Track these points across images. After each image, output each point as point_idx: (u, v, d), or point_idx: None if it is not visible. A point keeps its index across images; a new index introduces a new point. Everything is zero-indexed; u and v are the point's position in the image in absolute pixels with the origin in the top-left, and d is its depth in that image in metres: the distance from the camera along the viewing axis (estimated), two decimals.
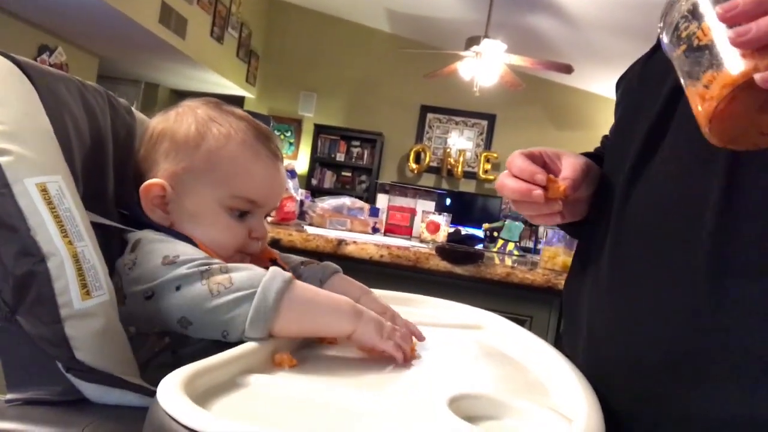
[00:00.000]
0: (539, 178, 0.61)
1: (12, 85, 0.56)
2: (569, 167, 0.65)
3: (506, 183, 0.64)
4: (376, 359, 0.61)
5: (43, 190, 0.50)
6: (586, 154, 0.75)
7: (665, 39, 0.48)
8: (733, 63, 0.40)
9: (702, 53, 0.43)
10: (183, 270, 0.55)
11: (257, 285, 0.54)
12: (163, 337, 0.57)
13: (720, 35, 0.41)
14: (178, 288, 0.55)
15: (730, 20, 0.40)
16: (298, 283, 0.57)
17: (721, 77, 0.40)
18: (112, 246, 0.66)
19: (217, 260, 0.58)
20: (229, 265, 0.57)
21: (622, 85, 0.71)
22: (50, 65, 4.93)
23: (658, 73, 0.60)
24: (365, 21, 6.26)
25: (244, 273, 0.55)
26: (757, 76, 0.38)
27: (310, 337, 0.59)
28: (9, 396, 0.53)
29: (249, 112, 1.49)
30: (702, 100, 0.43)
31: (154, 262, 0.57)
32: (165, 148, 0.66)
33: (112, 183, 0.70)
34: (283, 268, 0.73)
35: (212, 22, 5.35)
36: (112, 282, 0.57)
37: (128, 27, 4.39)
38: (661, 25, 0.48)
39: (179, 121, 0.68)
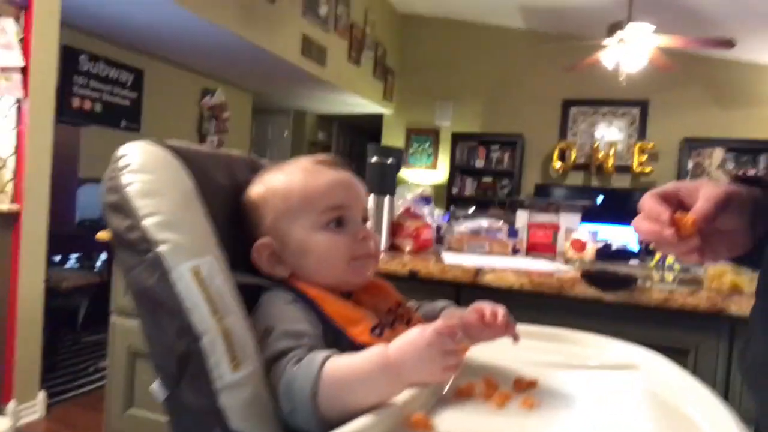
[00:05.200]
0: (663, 218, 0.61)
1: (169, 174, 0.64)
2: (703, 198, 0.62)
3: (639, 226, 0.65)
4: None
5: (197, 273, 0.57)
6: (743, 180, 0.68)
7: None
8: None
9: None
10: (266, 354, 0.60)
11: (292, 397, 0.56)
12: None
13: None
14: (268, 372, 0.59)
15: None
16: (327, 370, 0.55)
17: None
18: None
19: (295, 343, 0.60)
20: (283, 364, 0.58)
21: None
22: (212, 106, 5.51)
23: None
24: (498, 21, 6.14)
25: (283, 382, 0.57)
26: None
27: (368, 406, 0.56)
28: None
29: (382, 147, 1.53)
30: None
31: (258, 334, 0.62)
32: (251, 217, 0.74)
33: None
34: (409, 311, 0.76)
35: (349, 46, 5.61)
36: None
37: (275, 63, 4.76)
38: None
39: (249, 192, 0.75)
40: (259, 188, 0.75)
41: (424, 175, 6.63)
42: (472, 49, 6.33)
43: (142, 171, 0.61)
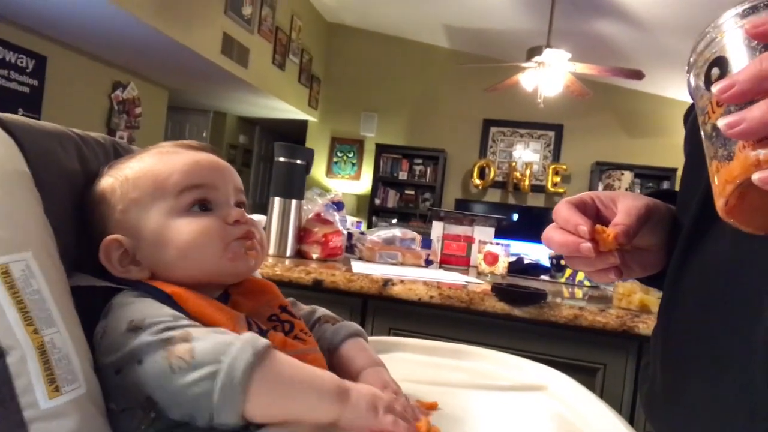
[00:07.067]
0: (582, 230, 0.52)
1: None
2: (623, 212, 0.55)
3: (552, 236, 0.56)
4: None
5: (5, 273, 0.44)
6: (658, 193, 0.63)
7: (691, 83, 0.39)
8: (735, 154, 0.33)
9: (713, 133, 0.35)
10: (145, 337, 0.48)
11: (223, 358, 0.45)
12: (149, 412, 0.49)
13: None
14: (140, 362, 0.47)
15: (728, 101, 0.33)
16: (276, 355, 0.48)
17: (724, 170, 0.34)
18: None
19: (183, 321, 0.50)
20: (193, 331, 0.48)
21: (690, 117, 0.59)
22: (123, 100, 5.19)
23: None
24: (424, 38, 6.22)
25: (209, 343, 0.47)
26: (754, 177, 0.31)
27: (293, 420, 0.49)
28: None
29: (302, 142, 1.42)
30: (714, 191, 0.36)
31: (120, 329, 0.50)
32: (99, 211, 0.61)
33: None
34: (293, 316, 0.64)
35: (273, 49, 5.46)
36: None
37: (193, 60, 4.54)
38: (689, 65, 0.39)
39: (96, 183, 0.62)
40: (106, 178, 0.62)
41: (348, 185, 6.56)
42: (398, 63, 6.37)
43: None
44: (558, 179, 6.02)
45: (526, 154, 6.23)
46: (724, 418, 0.44)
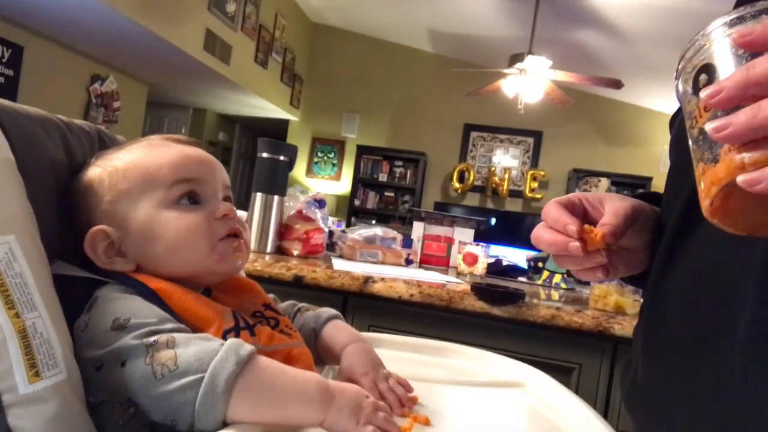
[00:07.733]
0: (571, 230, 0.54)
1: None
2: (611, 212, 0.57)
3: (542, 235, 0.57)
4: None
5: None
6: (643, 195, 0.65)
7: (680, 89, 0.40)
8: (720, 157, 0.35)
9: (700, 137, 0.36)
10: (129, 340, 0.47)
11: (206, 367, 0.46)
12: (128, 408, 0.49)
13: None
14: (123, 364, 0.47)
15: (715, 107, 0.34)
16: (259, 362, 0.49)
17: (710, 172, 0.35)
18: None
19: (168, 325, 0.50)
20: (177, 336, 0.48)
21: (676, 123, 0.61)
22: (102, 93, 5.11)
23: None
24: (408, 42, 6.25)
25: (192, 350, 0.47)
26: (739, 179, 0.32)
27: (275, 424, 0.49)
28: None
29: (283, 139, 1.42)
30: (699, 192, 0.37)
31: (104, 326, 0.50)
32: (85, 202, 0.60)
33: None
34: (277, 313, 0.65)
35: (256, 47, 5.43)
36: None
37: (174, 55, 4.49)
38: (677, 72, 0.40)
39: (82, 174, 0.62)
40: (94, 168, 0.61)
41: (328, 185, 6.55)
42: (381, 65, 6.39)
43: None
44: (536, 185, 6.09)
45: (506, 159, 6.30)
46: (704, 413, 0.45)
